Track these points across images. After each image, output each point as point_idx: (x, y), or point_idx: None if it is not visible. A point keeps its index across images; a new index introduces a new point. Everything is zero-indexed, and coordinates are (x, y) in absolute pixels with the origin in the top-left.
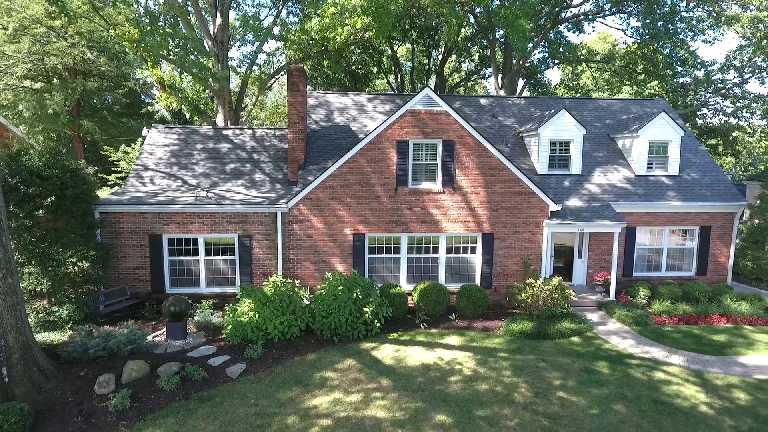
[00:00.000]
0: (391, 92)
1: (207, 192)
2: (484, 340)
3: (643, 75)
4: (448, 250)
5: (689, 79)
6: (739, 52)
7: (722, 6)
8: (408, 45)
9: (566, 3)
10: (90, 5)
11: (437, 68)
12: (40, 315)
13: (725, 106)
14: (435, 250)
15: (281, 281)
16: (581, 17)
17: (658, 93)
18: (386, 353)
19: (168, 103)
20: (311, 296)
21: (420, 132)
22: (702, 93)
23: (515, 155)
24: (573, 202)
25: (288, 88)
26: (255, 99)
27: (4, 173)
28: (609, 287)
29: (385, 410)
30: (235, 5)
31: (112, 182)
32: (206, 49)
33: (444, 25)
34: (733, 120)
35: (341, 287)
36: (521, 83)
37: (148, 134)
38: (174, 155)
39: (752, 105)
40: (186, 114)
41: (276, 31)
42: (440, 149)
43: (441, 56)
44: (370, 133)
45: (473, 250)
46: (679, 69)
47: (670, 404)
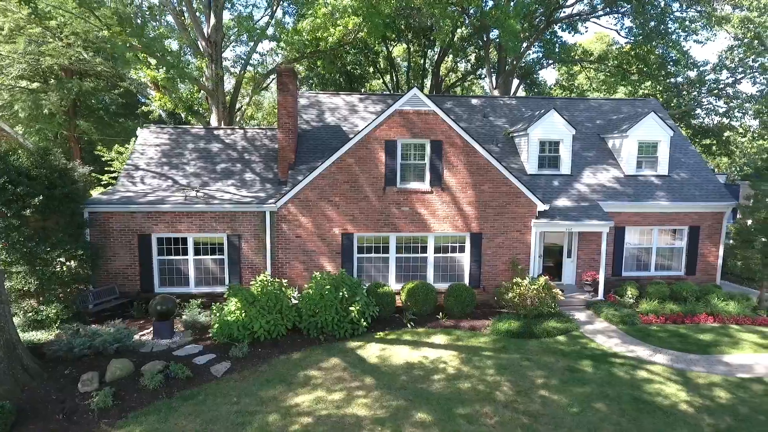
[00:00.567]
0: (383, 92)
1: (196, 192)
2: (470, 339)
3: (637, 75)
4: (437, 250)
5: (681, 79)
6: (730, 53)
7: (714, 6)
8: (404, 45)
9: (559, 3)
10: (85, 6)
11: (433, 68)
12: (29, 314)
13: (718, 107)
14: (423, 250)
15: (268, 281)
16: (575, 18)
17: (652, 93)
18: (372, 352)
19: (162, 103)
20: (299, 295)
21: (408, 132)
22: (695, 93)
23: (505, 155)
24: (562, 202)
25: (278, 89)
26: (249, 99)
27: None
28: (597, 287)
29: (367, 408)
30: (230, 5)
31: (106, 182)
32: (200, 49)
33: (436, 26)
34: (726, 120)
35: (328, 286)
36: (516, 83)
37: (140, 134)
38: (165, 155)
39: (744, 105)
40: (181, 114)
41: (270, 32)
42: (428, 149)
43: (437, 56)
44: (359, 133)
45: (462, 250)
46: (672, 69)
47: (651, 403)
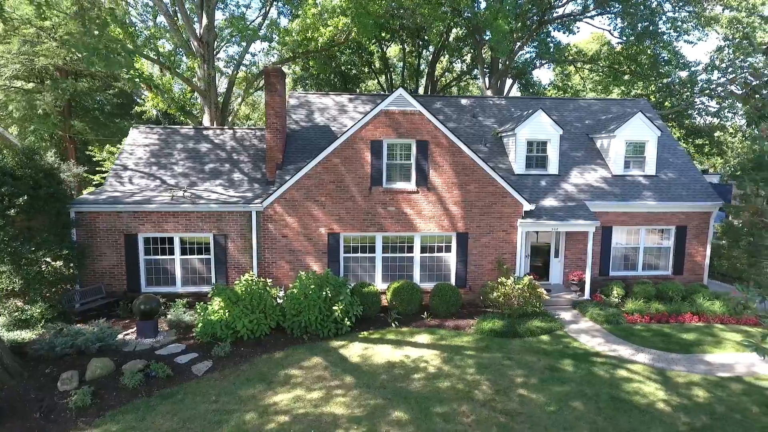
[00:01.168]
0: (372, 93)
1: (184, 192)
2: (454, 339)
3: (628, 76)
4: (423, 250)
5: (671, 80)
6: (720, 53)
7: (704, 6)
8: (399, 45)
9: (551, 4)
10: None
11: (428, 68)
12: (14, 314)
13: (709, 107)
14: (410, 250)
15: (253, 280)
16: (567, 18)
17: (645, 94)
18: (354, 351)
19: (155, 103)
20: (284, 295)
21: (394, 132)
22: (688, 93)
23: (494, 155)
24: (548, 202)
25: (265, 89)
26: (242, 99)
27: None
28: (584, 286)
29: (344, 407)
30: (222, 5)
31: (98, 182)
32: (192, 50)
33: (427, 26)
34: (716, 120)
35: (313, 286)
36: (510, 84)
37: (129, 134)
38: (154, 155)
39: (736, 105)
40: (174, 114)
41: (262, 32)
42: (414, 149)
43: (431, 57)
44: (344, 133)
45: (448, 250)
46: (663, 70)
47: (629, 401)
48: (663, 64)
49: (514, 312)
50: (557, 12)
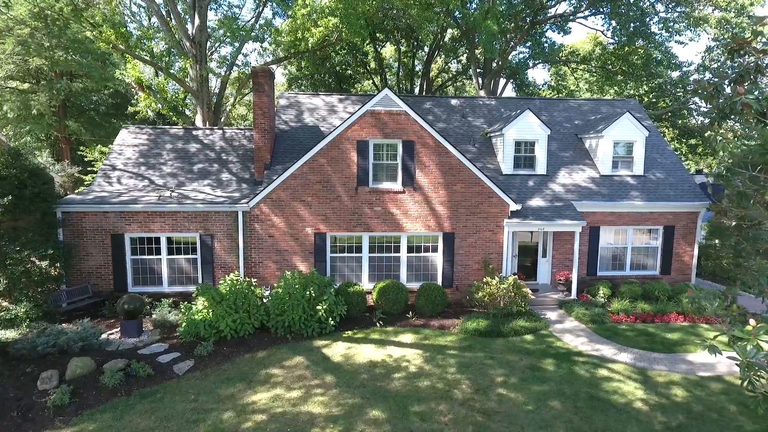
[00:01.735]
0: (363, 93)
1: (171, 192)
2: (438, 338)
3: (621, 76)
4: (410, 249)
5: (662, 80)
6: (710, 53)
7: (694, 6)
8: (394, 46)
9: (543, 4)
10: (73, 6)
11: (423, 69)
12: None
13: (701, 107)
14: (396, 250)
15: (237, 280)
16: (559, 18)
17: (637, 94)
18: (337, 351)
19: (147, 104)
20: (269, 294)
21: (380, 132)
22: (681, 93)
23: (482, 155)
24: (536, 202)
25: (253, 89)
26: (234, 99)
27: None
28: (570, 286)
29: (322, 406)
30: (215, 6)
31: (89, 182)
32: (184, 50)
33: (417, 26)
34: (707, 120)
35: (297, 285)
36: (503, 84)
37: (119, 135)
38: (143, 155)
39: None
40: (165, 114)
41: (254, 33)
42: (400, 149)
43: (426, 57)
44: (330, 133)
45: (435, 249)
46: (655, 70)
47: (607, 400)
48: (655, 65)
49: (499, 312)
50: (550, 12)
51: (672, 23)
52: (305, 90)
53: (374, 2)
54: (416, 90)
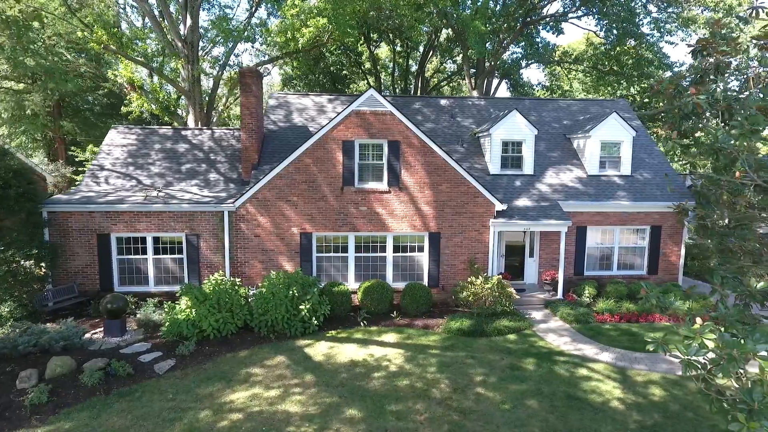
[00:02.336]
0: (353, 94)
1: (158, 192)
2: (421, 338)
3: (613, 76)
4: (396, 249)
5: (654, 80)
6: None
7: (684, 6)
8: (389, 46)
9: (533, 5)
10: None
11: (418, 69)
12: None
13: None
14: (383, 249)
15: (221, 280)
16: (551, 18)
17: (628, 94)
18: (319, 350)
19: (140, 104)
20: (254, 294)
21: (365, 132)
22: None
23: (470, 155)
24: (522, 202)
25: (240, 89)
26: (226, 100)
27: None
28: (557, 286)
29: (300, 405)
30: (208, 6)
31: (80, 182)
32: (176, 50)
33: (408, 26)
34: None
35: (281, 285)
36: (497, 83)
37: (108, 135)
38: (131, 155)
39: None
40: (159, 115)
41: (246, 33)
42: (386, 149)
43: (420, 57)
44: (316, 134)
45: (420, 249)
46: (646, 70)
47: (584, 400)
48: (646, 65)
49: (483, 311)
50: (542, 12)
51: (663, 23)
52: (301, 90)
53: (364, 3)
54: (412, 90)
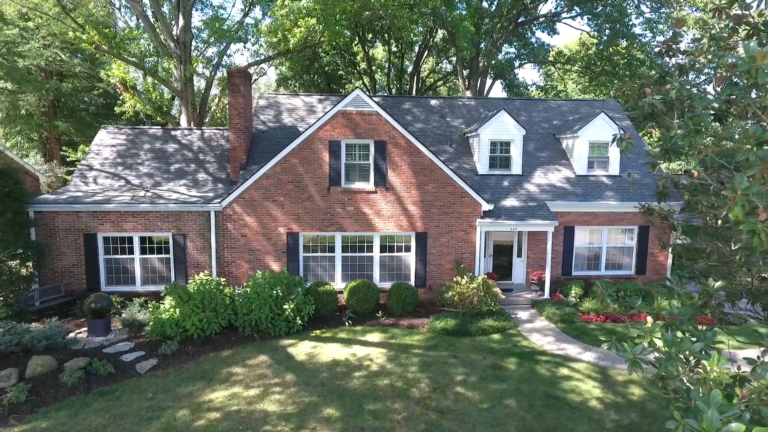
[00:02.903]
0: (343, 94)
1: (146, 192)
2: (405, 337)
3: (605, 76)
4: (383, 249)
5: (644, 81)
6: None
7: (674, 6)
8: (384, 46)
9: (525, 5)
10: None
11: (413, 69)
12: None
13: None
14: (369, 249)
15: (206, 279)
16: (543, 18)
17: (620, 95)
18: (302, 349)
19: (132, 104)
20: (240, 293)
21: (352, 132)
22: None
23: (459, 155)
24: (510, 202)
25: (228, 89)
26: (218, 100)
27: None
28: (544, 285)
29: (278, 404)
30: (200, 6)
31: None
32: (169, 50)
33: (401, 26)
34: None
35: (266, 285)
36: (491, 83)
37: (97, 135)
38: (120, 155)
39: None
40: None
41: (238, 33)
42: (372, 149)
43: (415, 57)
44: (302, 134)
45: (407, 249)
46: (638, 70)
47: (562, 399)
48: (638, 65)
49: (469, 311)
50: (535, 13)
51: (655, 24)
52: (297, 90)
53: (355, 3)
54: (409, 90)
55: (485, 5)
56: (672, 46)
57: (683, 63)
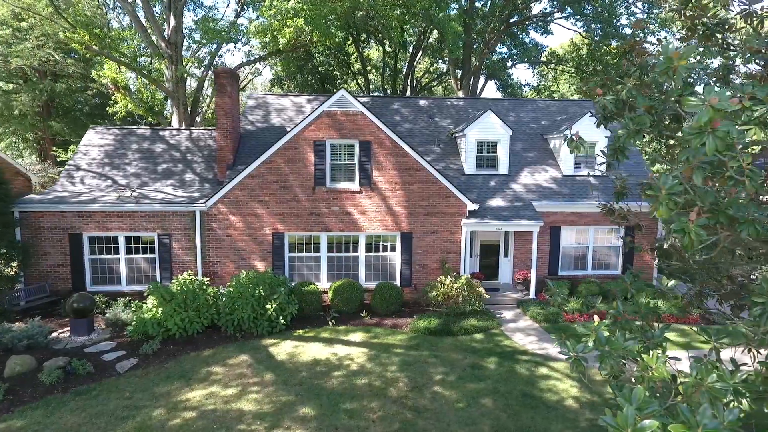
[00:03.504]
0: (331, 94)
1: (132, 192)
2: (387, 337)
3: (596, 77)
4: (368, 249)
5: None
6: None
7: (663, 7)
8: (378, 46)
9: (515, 6)
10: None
11: (407, 69)
12: None
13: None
14: (355, 249)
15: (189, 279)
16: (535, 18)
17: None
18: (284, 349)
19: (124, 105)
20: (223, 293)
21: (337, 132)
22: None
23: (447, 156)
24: (495, 202)
25: (215, 90)
26: (210, 100)
27: None
28: (529, 285)
29: (255, 403)
30: (193, 6)
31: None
32: (160, 51)
33: (390, 26)
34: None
35: (249, 284)
36: (484, 83)
37: (85, 135)
38: (108, 155)
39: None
40: (144, 115)
41: (231, 35)
42: (357, 149)
43: (409, 58)
44: (287, 134)
45: (393, 249)
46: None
47: (539, 398)
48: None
49: (452, 311)
50: (526, 13)
51: (647, 24)
52: (290, 90)
53: (344, 3)
54: (405, 91)
55: (478, 5)
56: (635, 47)
57: (647, 63)
